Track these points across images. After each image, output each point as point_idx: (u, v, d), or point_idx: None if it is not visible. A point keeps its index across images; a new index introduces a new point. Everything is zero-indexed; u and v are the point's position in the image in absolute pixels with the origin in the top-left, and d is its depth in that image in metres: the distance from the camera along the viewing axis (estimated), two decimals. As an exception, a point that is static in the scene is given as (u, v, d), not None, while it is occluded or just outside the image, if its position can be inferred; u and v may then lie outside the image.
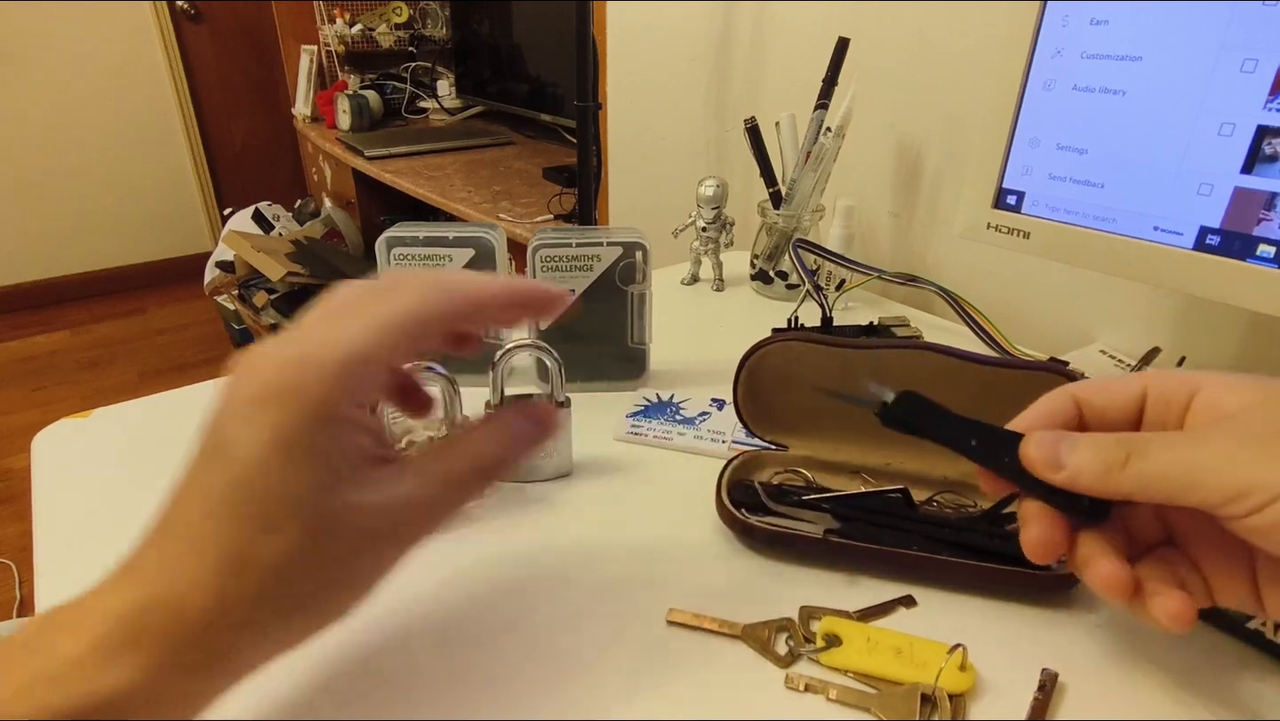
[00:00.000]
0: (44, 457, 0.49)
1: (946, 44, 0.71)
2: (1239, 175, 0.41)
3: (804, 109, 0.71)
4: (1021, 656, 0.35)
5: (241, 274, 2.14)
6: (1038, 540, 0.29)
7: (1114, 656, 0.35)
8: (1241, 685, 0.34)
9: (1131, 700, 0.33)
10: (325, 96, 2.39)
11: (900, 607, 0.38)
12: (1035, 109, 0.49)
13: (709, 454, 0.50)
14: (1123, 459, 0.26)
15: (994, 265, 0.72)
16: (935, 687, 0.32)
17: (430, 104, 2.48)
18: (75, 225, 2.86)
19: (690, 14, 0.97)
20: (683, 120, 1.04)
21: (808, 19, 0.83)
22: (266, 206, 2.43)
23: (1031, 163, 0.50)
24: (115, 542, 0.24)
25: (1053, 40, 0.47)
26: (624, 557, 0.41)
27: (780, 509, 0.42)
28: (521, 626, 0.36)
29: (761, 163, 0.74)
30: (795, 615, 0.37)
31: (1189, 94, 0.42)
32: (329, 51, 2.51)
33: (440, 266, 0.54)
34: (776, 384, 0.46)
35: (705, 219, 0.75)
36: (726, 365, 0.46)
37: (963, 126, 0.72)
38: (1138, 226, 0.45)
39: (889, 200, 0.80)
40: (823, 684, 0.33)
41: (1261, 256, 0.41)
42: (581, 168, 1.06)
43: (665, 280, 0.79)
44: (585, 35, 0.97)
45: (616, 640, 0.36)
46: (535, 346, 0.45)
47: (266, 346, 0.25)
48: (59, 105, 2.69)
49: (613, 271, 0.55)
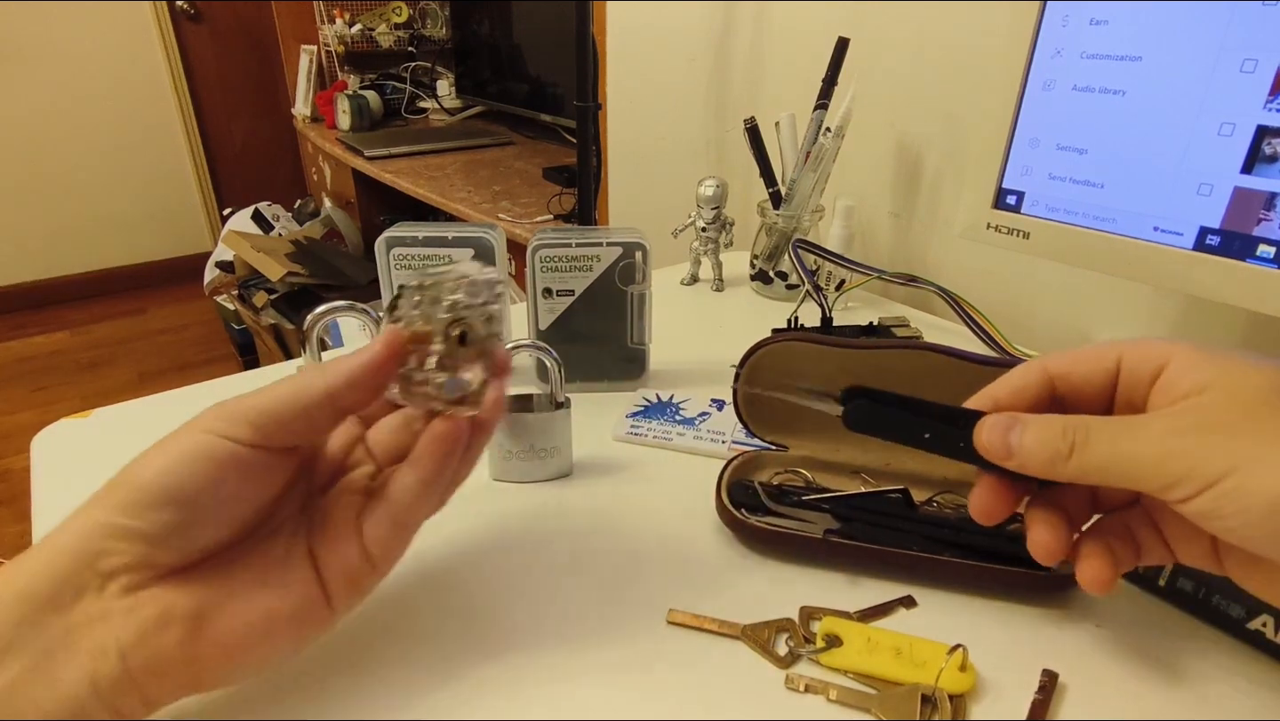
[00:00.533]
0: (44, 457, 0.49)
1: (946, 44, 0.71)
2: (1239, 175, 0.41)
3: (804, 109, 0.71)
4: (1021, 656, 0.35)
5: (241, 274, 2.14)
6: (982, 507, 0.31)
7: (1114, 657, 0.35)
8: (1241, 685, 0.34)
9: (1131, 700, 0.33)
10: (325, 96, 2.39)
11: (900, 608, 0.38)
12: (1035, 109, 0.49)
13: (709, 454, 0.50)
14: (1067, 451, 0.27)
15: (994, 265, 0.72)
16: (935, 688, 0.32)
17: (430, 104, 2.48)
18: (75, 225, 2.86)
19: (690, 14, 0.97)
20: (683, 120, 1.03)
21: (808, 19, 0.83)
22: (266, 206, 2.43)
23: (1031, 163, 0.50)
24: (115, 543, 0.24)
25: (1053, 40, 0.47)
26: (624, 557, 0.41)
27: (780, 509, 0.42)
28: (521, 626, 0.36)
29: (761, 163, 0.74)
30: (795, 615, 0.37)
31: (1189, 94, 0.42)
32: (329, 51, 2.51)
33: (439, 267, 0.54)
34: (776, 384, 0.46)
35: (705, 219, 0.75)
36: (726, 365, 0.46)
37: (963, 126, 0.72)
38: (1138, 226, 0.45)
39: (889, 200, 0.80)
40: (823, 684, 0.33)
41: (1261, 257, 0.41)
42: (581, 168, 1.06)
43: (665, 280, 0.79)
44: (585, 35, 0.97)
45: (616, 640, 0.36)
46: (535, 346, 0.45)
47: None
48: (59, 105, 2.69)
49: (613, 271, 0.55)
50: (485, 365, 0.32)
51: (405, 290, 0.32)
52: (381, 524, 0.31)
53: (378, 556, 0.31)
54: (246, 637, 0.28)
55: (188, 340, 2.71)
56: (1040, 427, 0.28)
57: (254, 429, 0.28)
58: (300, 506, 0.32)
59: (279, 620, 0.29)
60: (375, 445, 0.35)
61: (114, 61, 2.73)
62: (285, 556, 0.30)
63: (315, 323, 0.45)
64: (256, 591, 0.29)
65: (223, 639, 0.28)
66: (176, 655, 0.27)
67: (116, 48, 2.72)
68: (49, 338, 2.70)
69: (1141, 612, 0.38)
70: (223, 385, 0.57)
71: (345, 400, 0.30)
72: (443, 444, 0.31)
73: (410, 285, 0.32)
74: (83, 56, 2.68)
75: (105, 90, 2.75)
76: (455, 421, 0.31)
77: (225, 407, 0.29)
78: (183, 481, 0.27)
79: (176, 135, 2.93)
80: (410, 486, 0.31)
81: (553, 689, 0.33)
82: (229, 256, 2.18)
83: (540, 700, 0.33)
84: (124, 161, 2.86)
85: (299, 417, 0.29)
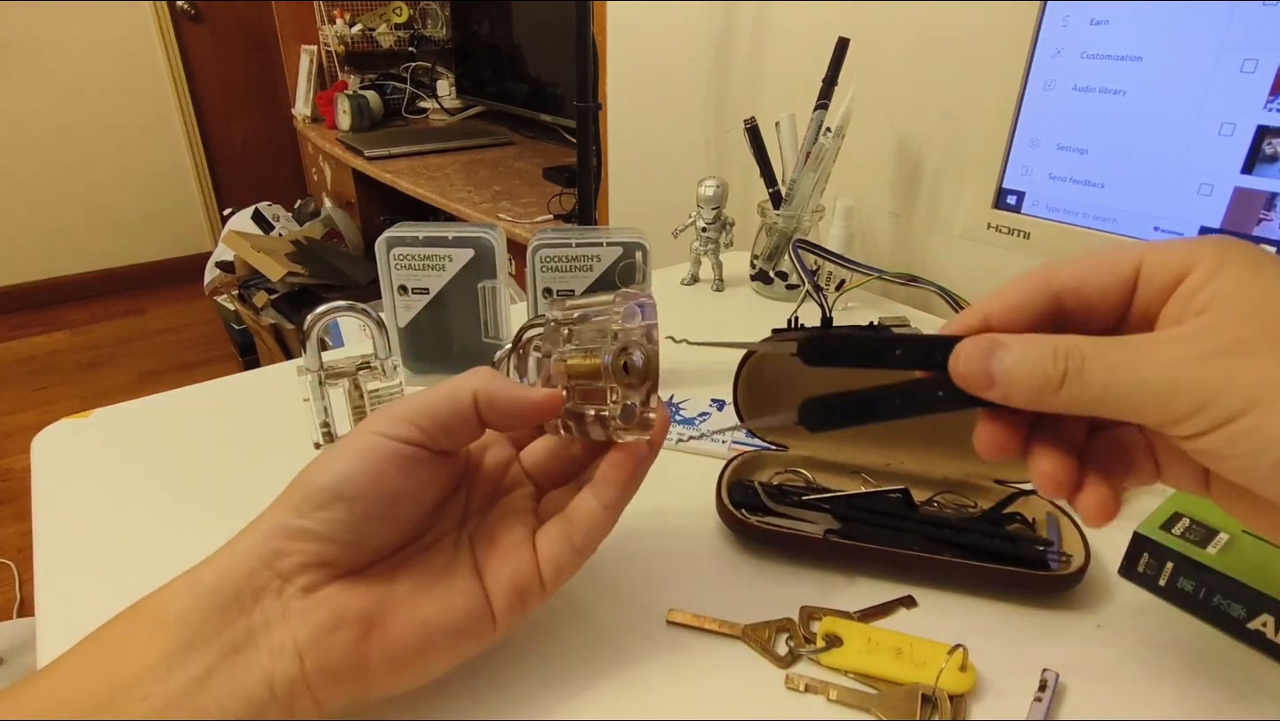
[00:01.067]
0: (44, 457, 0.49)
1: (946, 44, 0.71)
2: (1239, 175, 0.41)
3: (804, 109, 0.71)
4: (1021, 656, 0.35)
5: (241, 274, 2.14)
6: (990, 441, 0.27)
7: (1114, 656, 0.35)
8: (1241, 685, 0.34)
9: (1132, 700, 0.33)
10: (325, 96, 2.39)
11: (900, 607, 0.38)
12: (1035, 109, 0.49)
13: (709, 454, 0.50)
14: (1058, 379, 0.24)
15: (994, 265, 0.72)
16: (935, 688, 0.32)
17: (430, 104, 2.48)
18: (75, 225, 2.86)
19: (690, 14, 0.97)
20: (683, 120, 1.03)
21: (808, 19, 0.83)
22: (266, 206, 2.43)
23: (1031, 163, 0.50)
24: (115, 542, 0.24)
25: (1053, 40, 0.47)
26: (624, 557, 0.41)
27: (780, 509, 0.42)
28: (521, 627, 0.36)
29: (761, 163, 0.74)
30: (795, 615, 0.37)
31: (1189, 94, 0.42)
32: (329, 51, 2.51)
33: (440, 269, 0.54)
34: (776, 384, 0.46)
35: (705, 219, 0.75)
36: (726, 365, 0.46)
37: (963, 126, 0.72)
38: (1138, 226, 0.45)
39: (889, 200, 0.80)
40: (823, 684, 0.33)
41: (1262, 256, 0.40)
42: (581, 168, 1.06)
43: (665, 280, 0.79)
44: (585, 35, 0.97)
45: (616, 640, 0.36)
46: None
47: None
48: (59, 105, 2.69)
49: (613, 271, 0.55)
50: (648, 387, 0.32)
51: (547, 326, 0.33)
52: (560, 545, 0.32)
53: (549, 576, 0.32)
54: (410, 643, 0.29)
55: (188, 340, 2.71)
56: (1027, 350, 0.24)
57: (414, 427, 0.29)
58: (460, 521, 0.33)
59: (440, 630, 0.29)
60: (530, 465, 0.35)
61: (114, 61, 2.73)
62: (448, 568, 0.31)
63: (315, 323, 0.45)
64: (421, 599, 0.30)
65: (388, 643, 0.28)
66: (347, 657, 0.28)
67: (116, 48, 2.72)
68: (49, 337, 2.70)
69: (1141, 612, 0.38)
70: (223, 385, 0.57)
71: (486, 414, 0.30)
72: (626, 469, 0.32)
73: (552, 319, 0.33)
74: (83, 56, 2.68)
75: (105, 90, 2.75)
76: (637, 445, 0.32)
77: (388, 410, 0.30)
78: (351, 478, 0.28)
79: (176, 135, 2.93)
80: (594, 511, 0.32)
81: (552, 689, 0.33)
82: (229, 256, 2.18)
83: (540, 700, 0.33)
84: (124, 161, 2.86)
85: (455, 416, 0.30)
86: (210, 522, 0.32)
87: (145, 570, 0.30)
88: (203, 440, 0.51)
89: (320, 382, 0.47)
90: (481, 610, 0.30)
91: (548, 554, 0.32)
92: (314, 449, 0.48)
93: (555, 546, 0.32)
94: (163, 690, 0.25)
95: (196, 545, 0.29)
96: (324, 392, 0.47)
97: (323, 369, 0.46)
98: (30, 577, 0.89)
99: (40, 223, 2.79)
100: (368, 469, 0.28)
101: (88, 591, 0.38)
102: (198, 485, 0.46)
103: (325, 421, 0.48)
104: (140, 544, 0.41)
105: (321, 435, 0.48)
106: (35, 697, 0.25)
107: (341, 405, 0.48)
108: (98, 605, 0.28)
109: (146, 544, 0.41)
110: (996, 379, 0.25)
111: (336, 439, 0.48)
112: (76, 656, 0.26)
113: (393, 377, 0.48)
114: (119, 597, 0.28)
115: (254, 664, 0.26)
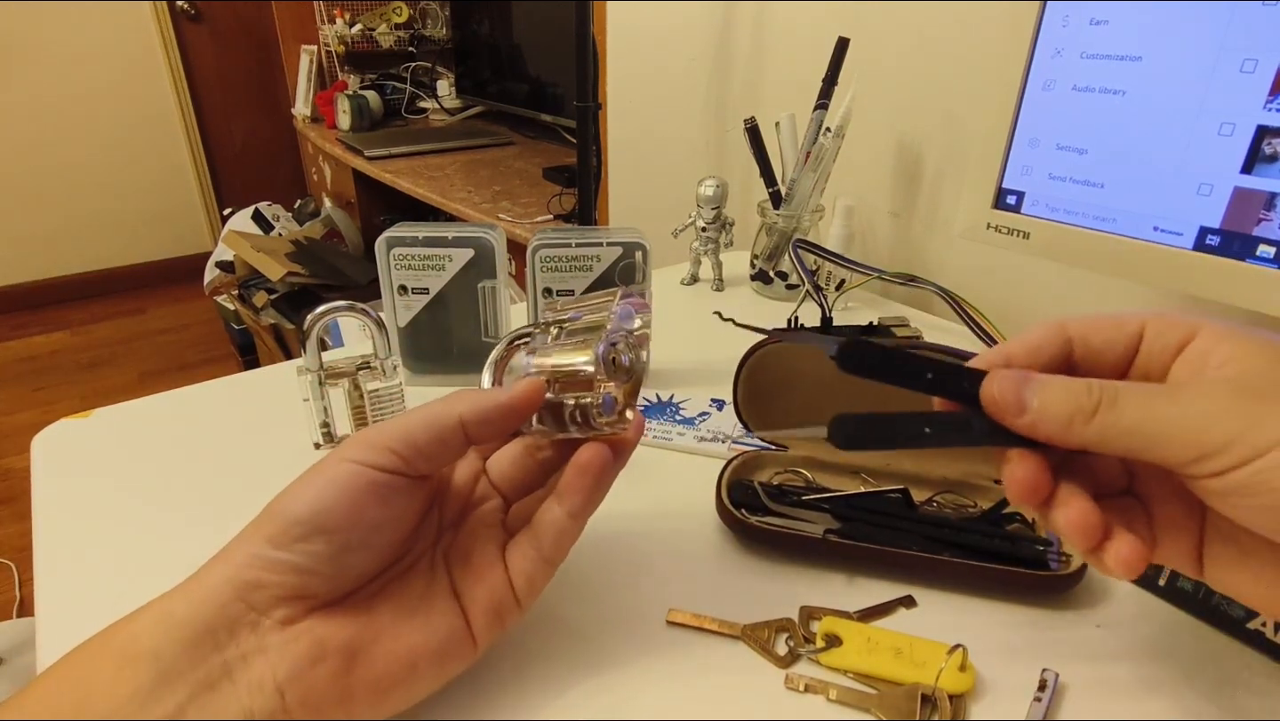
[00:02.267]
0: (44, 457, 0.49)
1: (946, 44, 0.71)
2: (1239, 175, 0.41)
3: (804, 109, 0.71)
4: (1021, 656, 0.35)
5: (241, 274, 2.14)
6: (1024, 481, 0.26)
7: (1114, 657, 0.35)
8: (1241, 685, 0.34)
9: (1132, 700, 0.33)
10: (325, 96, 2.39)
11: (900, 607, 0.38)
12: (1035, 109, 0.49)
13: (709, 454, 0.50)
14: (1091, 409, 0.25)
15: (994, 265, 0.72)
16: (935, 688, 0.32)
17: (430, 104, 2.48)
18: (75, 225, 2.86)
19: (690, 14, 0.97)
20: (683, 120, 1.03)
21: (808, 19, 0.83)
22: (266, 206, 2.43)
23: (1031, 163, 0.50)
24: (115, 542, 0.24)
25: (1053, 40, 0.47)
26: (624, 557, 0.41)
27: (780, 509, 0.42)
28: (520, 626, 0.36)
29: (761, 163, 0.74)
30: (795, 615, 0.37)
31: (1189, 94, 0.42)
32: (329, 51, 2.51)
33: (440, 269, 0.54)
34: (776, 384, 0.46)
35: (705, 219, 0.75)
36: (726, 365, 0.46)
37: (963, 126, 0.72)
38: (1138, 227, 0.45)
39: (889, 200, 0.80)
40: (823, 684, 0.33)
41: (1261, 257, 0.41)
42: (581, 168, 1.06)
43: (665, 280, 0.79)
44: (585, 35, 0.97)
45: (616, 640, 0.36)
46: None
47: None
48: (59, 105, 2.69)
49: (613, 271, 0.55)
50: (631, 386, 0.32)
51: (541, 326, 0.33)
52: (529, 558, 0.32)
53: (523, 591, 0.32)
54: (395, 671, 0.29)
55: (188, 340, 2.71)
56: (1061, 381, 0.25)
57: (392, 454, 0.29)
58: (434, 541, 0.33)
59: (424, 654, 0.29)
60: (497, 477, 0.35)
61: (114, 61, 2.73)
62: (427, 591, 0.31)
63: (315, 322, 0.45)
64: (403, 626, 0.29)
65: (373, 672, 0.28)
66: (330, 690, 0.27)
67: (116, 47, 2.72)
68: (49, 338, 2.70)
69: (1141, 612, 0.38)
70: (223, 385, 0.58)
71: (478, 433, 0.30)
72: (589, 475, 0.32)
73: (547, 321, 0.33)
74: (83, 56, 2.68)
75: (105, 90, 2.75)
76: (598, 450, 0.32)
77: (365, 436, 0.29)
78: (329, 509, 0.28)
79: (176, 135, 2.93)
80: (559, 520, 0.32)
81: (553, 689, 0.33)
82: (229, 256, 2.18)
83: (540, 699, 0.33)
84: (124, 161, 2.86)
85: (434, 442, 0.29)
86: (210, 522, 0.32)
87: (145, 570, 0.30)
88: (203, 440, 0.51)
89: (320, 383, 0.47)
90: (462, 632, 0.30)
91: (519, 567, 0.32)
92: (314, 449, 0.48)
93: (525, 560, 0.32)
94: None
95: (196, 545, 0.29)
96: (324, 393, 0.47)
97: (323, 369, 0.46)
98: (30, 577, 0.89)
99: (40, 223, 2.79)
100: (347, 499, 0.28)
101: (88, 591, 0.38)
102: (198, 485, 0.46)
103: (325, 421, 0.48)
104: (140, 544, 0.41)
105: (321, 435, 0.48)
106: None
107: (341, 405, 0.48)
108: (98, 605, 0.28)
109: (146, 544, 0.41)
110: (1028, 405, 0.26)
111: (336, 439, 0.48)
112: (42, 690, 0.26)
113: (392, 378, 0.48)
114: (119, 597, 0.28)
115: (231, 700, 0.26)
